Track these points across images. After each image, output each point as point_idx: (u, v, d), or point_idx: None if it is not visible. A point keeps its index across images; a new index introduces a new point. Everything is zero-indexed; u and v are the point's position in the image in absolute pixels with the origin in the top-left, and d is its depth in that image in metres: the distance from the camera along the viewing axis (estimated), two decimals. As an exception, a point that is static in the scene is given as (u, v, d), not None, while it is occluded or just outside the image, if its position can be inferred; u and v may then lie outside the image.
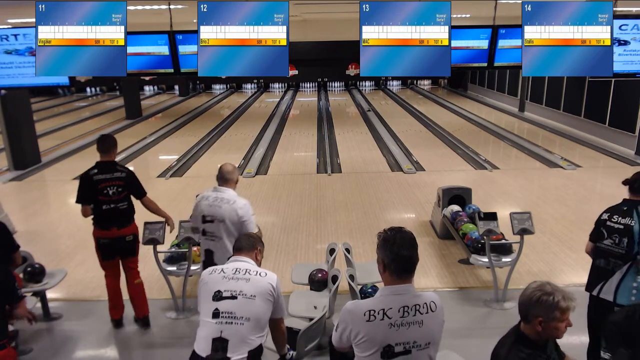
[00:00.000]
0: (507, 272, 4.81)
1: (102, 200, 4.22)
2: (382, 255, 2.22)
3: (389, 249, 2.19)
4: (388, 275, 2.23)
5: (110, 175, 4.24)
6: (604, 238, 3.37)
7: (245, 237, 2.97)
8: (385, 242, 2.21)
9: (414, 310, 2.18)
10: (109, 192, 4.22)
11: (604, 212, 3.45)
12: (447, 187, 6.49)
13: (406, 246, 2.19)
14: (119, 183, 4.26)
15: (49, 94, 24.37)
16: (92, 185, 4.20)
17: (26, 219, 7.55)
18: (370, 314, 2.16)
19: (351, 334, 2.20)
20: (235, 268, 2.73)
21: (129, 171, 4.39)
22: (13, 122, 9.96)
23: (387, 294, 2.23)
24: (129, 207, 4.37)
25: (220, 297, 2.63)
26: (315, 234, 6.72)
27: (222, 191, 3.81)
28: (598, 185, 9.11)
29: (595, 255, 3.45)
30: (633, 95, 10.91)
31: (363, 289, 4.10)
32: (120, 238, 4.32)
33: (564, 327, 2.13)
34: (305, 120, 16.83)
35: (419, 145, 12.11)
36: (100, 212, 4.26)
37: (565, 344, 2.31)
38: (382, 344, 2.14)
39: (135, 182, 4.38)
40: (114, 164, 4.33)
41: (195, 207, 3.87)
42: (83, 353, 4.30)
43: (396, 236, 2.21)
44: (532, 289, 2.15)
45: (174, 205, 7.65)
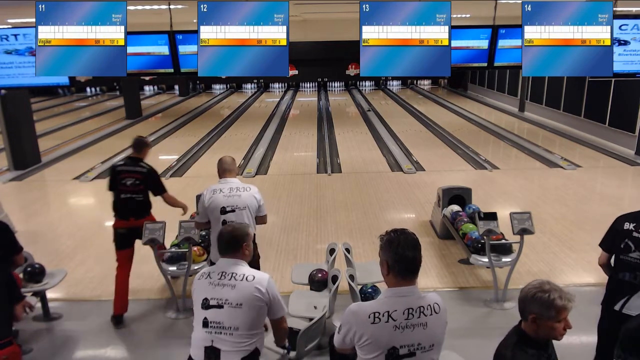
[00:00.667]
0: (507, 272, 4.80)
1: (121, 190, 4.61)
2: (385, 256, 2.20)
3: (393, 250, 2.18)
4: (392, 276, 2.21)
5: (132, 168, 4.63)
6: (630, 251, 3.10)
7: (228, 236, 2.72)
8: (390, 243, 2.20)
9: (419, 312, 2.17)
10: (127, 182, 4.59)
11: (626, 220, 3.18)
12: (447, 187, 6.49)
13: (410, 247, 2.19)
14: (138, 177, 4.60)
15: (49, 94, 24.36)
16: (115, 174, 4.65)
17: (26, 219, 7.55)
18: (375, 316, 2.14)
19: (355, 336, 2.18)
20: (221, 272, 2.65)
21: (151, 169, 4.72)
22: (13, 122, 9.96)
23: (391, 295, 2.21)
24: (144, 200, 4.70)
25: (207, 305, 2.59)
26: (315, 234, 6.72)
27: (232, 182, 3.95)
28: (598, 185, 9.11)
29: (618, 268, 3.19)
30: (633, 95, 10.91)
31: (363, 289, 4.10)
32: (137, 228, 4.61)
33: (561, 328, 2.10)
34: (305, 120, 16.83)
35: (419, 145, 12.12)
36: (119, 200, 4.64)
37: (565, 344, 2.30)
38: (386, 347, 2.13)
39: (154, 179, 4.72)
40: (140, 160, 4.72)
41: (210, 201, 3.87)
42: (83, 353, 4.30)
43: (400, 237, 2.20)
44: (530, 286, 2.15)
45: (174, 205, 7.66)
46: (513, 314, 4.59)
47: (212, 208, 3.87)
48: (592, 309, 3.85)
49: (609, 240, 3.29)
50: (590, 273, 5.38)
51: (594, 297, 4.01)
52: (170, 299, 4.80)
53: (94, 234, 6.78)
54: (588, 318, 3.60)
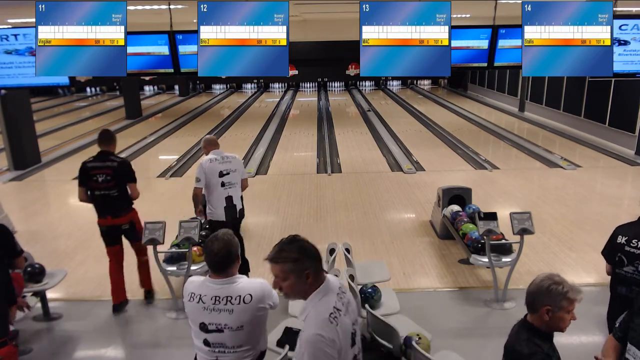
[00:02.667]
0: (507, 272, 4.80)
1: (94, 187, 4.55)
2: (308, 265, 2.11)
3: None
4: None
5: (102, 164, 4.54)
6: (623, 265, 3.08)
7: (223, 252, 2.48)
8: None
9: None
10: (99, 179, 4.52)
11: (620, 233, 3.14)
12: (447, 187, 6.49)
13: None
14: (108, 172, 4.52)
15: (49, 94, 24.37)
16: (85, 171, 4.56)
17: (26, 219, 7.55)
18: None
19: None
20: (214, 296, 2.47)
21: (122, 161, 4.62)
22: (13, 122, 9.96)
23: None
24: (120, 195, 4.59)
25: (206, 329, 2.50)
26: (315, 234, 6.72)
27: (221, 152, 4.99)
28: (598, 185, 9.11)
29: (616, 283, 3.18)
30: (633, 95, 10.91)
31: (363, 288, 4.10)
32: (116, 227, 4.66)
33: (568, 320, 2.16)
34: (305, 120, 16.82)
35: (419, 145, 12.12)
36: (94, 198, 4.59)
37: (565, 344, 2.31)
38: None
39: (124, 170, 4.60)
40: (109, 154, 4.60)
41: (209, 168, 4.82)
42: (83, 353, 4.30)
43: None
44: (542, 279, 2.19)
45: (174, 205, 7.66)
46: (513, 314, 4.59)
47: (211, 172, 4.81)
48: (592, 309, 3.86)
49: (608, 250, 3.25)
50: (590, 273, 5.38)
51: (594, 297, 4.02)
52: (170, 299, 4.80)
53: (93, 234, 6.71)
54: (588, 318, 3.61)
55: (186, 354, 2.71)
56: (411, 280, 5.39)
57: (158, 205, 7.77)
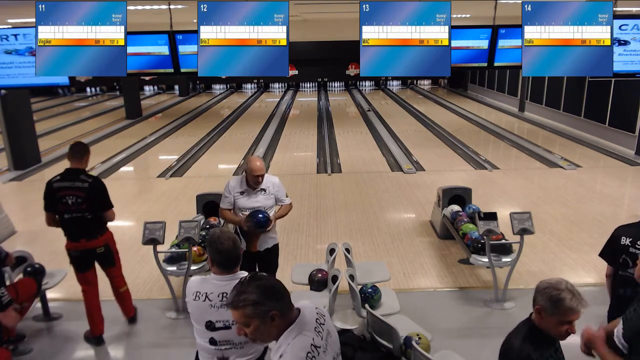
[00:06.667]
0: (507, 272, 4.81)
1: (62, 210, 4.01)
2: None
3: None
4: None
5: (71, 184, 3.98)
6: (628, 267, 2.99)
7: (234, 251, 2.53)
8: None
9: None
10: (68, 201, 3.97)
11: (623, 234, 3.07)
12: (447, 187, 6.49)
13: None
14: (79, 194, 3.97)
15: (49, 94, 24.36)
16: (51, 192, 4.02)
17: (26, 219, 7.54)
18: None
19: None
20: (222, 293, 2.47)
21: (94, 182, 4.05)
22: (13, 122, 9.96)
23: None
24: (94, 217, 4.07)
25: (213, 327, 2.50)
26: (315, 234, 6.72)
27: None
28: (598, 185, 9.11)
29: (619, 284, 3.10)
30: (633, 95, 10.91)
31: (363, 289, 4.10)
32: (89, 250, 4.14)
33: (564, 330, 2.13)
34: (305, 120, 16.82)
35: (419, 145, 12.11)
36: (64, 222, 4.06)
37: (565, 345, 2.30)
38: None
39: (98, 194, 4.05)
40: (80, 172, 4.05)
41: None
42: (83, 353, 4.30)
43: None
44: (549, 280, 2.20)
45: (174, 205, 7.66)
46: (513, 314, 4.60)
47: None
48: (592, 309, 3.84)
49: (609, 252, 3.19)
50: (590, 273, 5.38)
51: (594, 297, 4.00)
52: (170, 299, 4.80)
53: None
54: (588, 318, 3.59)
55: (186, 354, 2.70)
56: (411, 280, 5.39)
57: (158, 205, 7.77)
